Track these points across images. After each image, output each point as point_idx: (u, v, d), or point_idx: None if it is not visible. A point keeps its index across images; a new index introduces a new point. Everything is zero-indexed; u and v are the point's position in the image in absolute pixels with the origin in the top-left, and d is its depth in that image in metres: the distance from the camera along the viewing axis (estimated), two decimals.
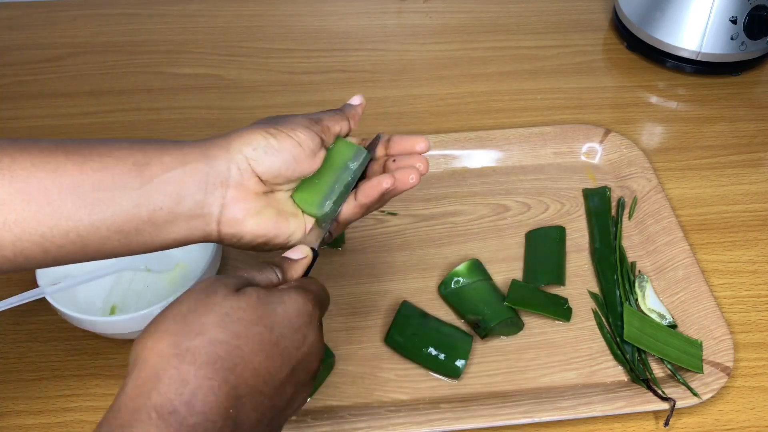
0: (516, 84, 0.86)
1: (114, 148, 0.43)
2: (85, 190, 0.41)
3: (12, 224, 0.40)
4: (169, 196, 0.43)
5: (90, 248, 0.43)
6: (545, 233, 0.69)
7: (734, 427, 0.57)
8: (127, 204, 0.42)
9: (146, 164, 0.43)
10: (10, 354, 0.61)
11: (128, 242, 0.43)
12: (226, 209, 0.45)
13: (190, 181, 0.44)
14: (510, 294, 0.62)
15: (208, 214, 0.45)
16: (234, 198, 0.45)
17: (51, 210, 0.40)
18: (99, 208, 0.41)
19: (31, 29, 0.93)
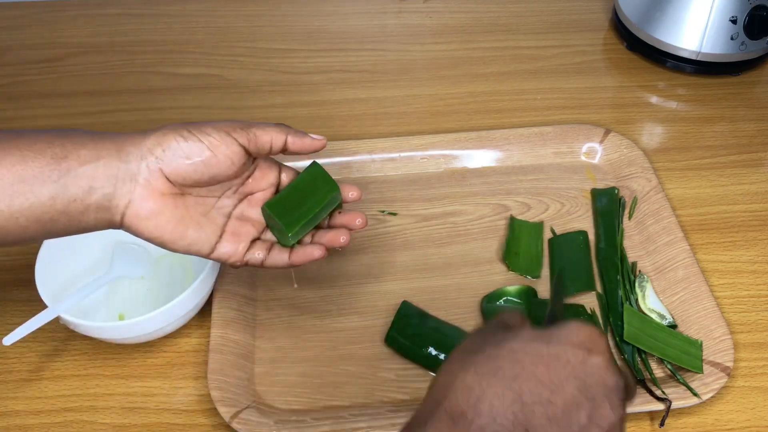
0: (516, 84, 0.86)
1: (34, 141, 0.45)
2: (4, 183, 0.44)
3: None
4: (82, 189, 0.45)
5: (9, 237, 0.45)
6: (570, 238, 0.68)
7: (734, 427, 0.57)
8: (44, 196, 0.44)
9: (63, 158, 0.45)
10: (10, 354, 0.61)
11: (44, 230, 0.46)
12: (131, 204, 0.47)
13: (102, 174, 0.46)
14: None
15: (115, 207, 0.47)
16: (141, 196, 0.47)
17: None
18: (18, 200, 0.44)
19: (31, 29, 0.93)
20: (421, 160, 0.75)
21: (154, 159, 0.47)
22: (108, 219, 0.47)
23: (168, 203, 0.48)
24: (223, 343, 0.59)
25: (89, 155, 0.46)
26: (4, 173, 0.44)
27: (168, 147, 0.47)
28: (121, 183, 0.46)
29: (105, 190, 0.46)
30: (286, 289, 0.65)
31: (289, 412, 0.57)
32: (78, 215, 0.46)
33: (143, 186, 0.47)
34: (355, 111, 0.83)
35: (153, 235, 0.49)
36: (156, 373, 0.60)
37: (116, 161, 0.46)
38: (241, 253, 0.52)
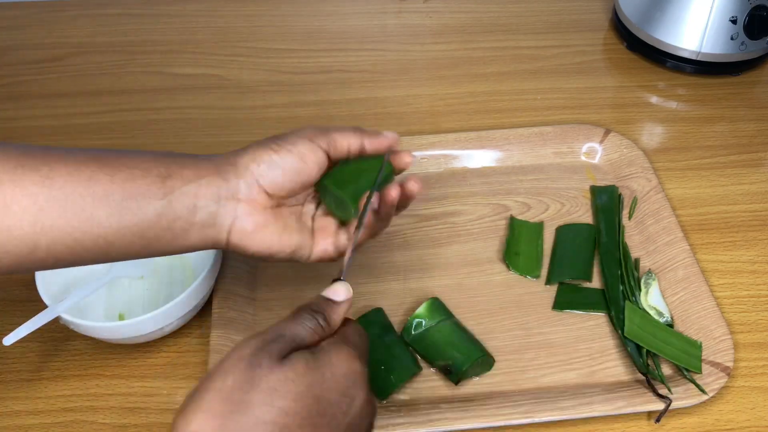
0: (516, 84, 0.86)
1: (140, 161, 0.46)
2: (115, 199, 0.44)
3: (48, 229, 0.43)
4: (186, 207, 0.46)
5: (113, 252, 0.46)
6: (576, 229, 0.69)
7: (734, 427, 0.57)
8: (151, 212, 0.45)
9: (168, 176, 0.46)
10: (10, 354, 0.61)
11: (148, 246, 0.47)
12: (237, 221, 0.48)
13: (204, 193, 0.47)
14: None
15: (220, 225, 0.48)
16: (244, 211, 0.48)
17: (84, 217, 0.44)
18: (127, 216, 0.45)
19: (31, 29, 0.93)
20: (421, 160, 0.75)
21: (251, 175, 0.48)
22: (213, 237, 0.48)
23: (269, 216, 0.49)
24: (223, 343, 0.59)
25: (191, 175, 0.47)
26: (115, 189, 0.44)
27: (262, 162, 0.48)
28: (224, 201, 0.48)
29: (209, 208, 0.47)
30: (287, 288, 0.65)
31: None
32: (182, 233, 0.47)
33: (246, 202, 0.48)
34: (355, 111, 0.83)
35: (261, 248, 0.49)
36: (156, 373, 0.60)
37: (217, 180, 0.47)
38: (332, 244, 0.53)
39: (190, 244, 0.48)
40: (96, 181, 0.44)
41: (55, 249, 0.44)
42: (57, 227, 0.43)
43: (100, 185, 0.44)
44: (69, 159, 0.44)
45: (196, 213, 0.47)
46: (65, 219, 0.43)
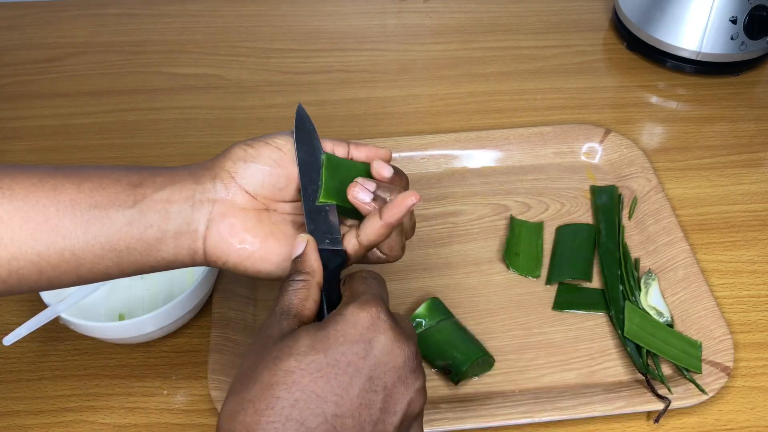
0: (516, 84, 0.86)
1: (110, 171, 0.44)
2: (81, 208, 0.42)
3: (8, 242, 0.41)
4: (158, 213, 0.44)
5: (83, 268, 0.43)
6: (576, 229, 0.69)
7: (734, 427, 0.57)
8: (120, 221, 0.43)
9: (139, 184, 0.44)
10: (10, 354, 0.61)
11: (120, 261, 0.44)
12: (212, 224, 0.45)
13: (177, 197, 0.44)
14: None
15: (195, 231, 0.45)
16: (220, 213, 0.45)
17: (48, 228, 0.41)
18: (94, 225, 0.42)
19: (31, 29, 0.93)
20: (421, 160, 0.75)
21: (227, 173, 0.45)
22: (188, 246, 0.45)
23: (251, 218, 0.46)
24: (223, 343, 0.59)
25: (164, 181, 0.45)
26: (82, 198, 0.42)
27: (237, 158, 0.46)
28: (198, 204, 0.45)
29: (182, 213, 0.44)
30: None
31: None
32: (156, 243, 0.44)
33: (221, 203, 0.45)
34: (355, 111, 0.83)
35: (241, 256, 0.45)
36: (156, 373, 0.60)
37: (191, 183, 0.45)
38: None
39: (165, 256, 0.45)
40: (61, 190, 0.42)
41: (18, 265, 0.41)
42: (18, 240, 0.41)
43: (66, 194, 0.42)
44: (33, 172, 0.42)
45: (169, 219, 0.44)
46: (27, 231, 0.41)
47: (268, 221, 0.47)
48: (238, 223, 0.45)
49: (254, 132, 0.79)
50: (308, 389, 0.36)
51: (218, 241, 0.45)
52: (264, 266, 0.46)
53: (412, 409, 0.39)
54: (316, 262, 0.44)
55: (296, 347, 0.37)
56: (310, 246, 0.44)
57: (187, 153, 0.77)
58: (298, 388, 0.36)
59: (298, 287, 0.42)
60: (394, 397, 0.38)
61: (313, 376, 0.36)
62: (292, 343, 0.38)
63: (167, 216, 0.44)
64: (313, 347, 0.37)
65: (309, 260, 0.44)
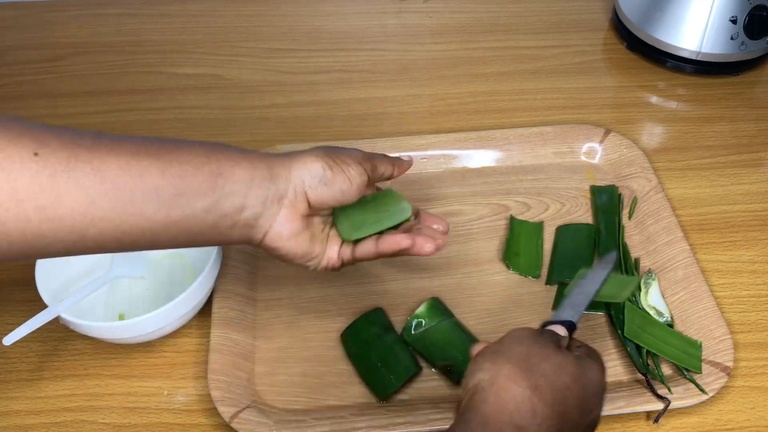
0: (516, 84, 0.86)
1: (192, 155, 0.47)
2: (165, 195, 0.45)
3: (98, 221, 0.44)
4: (234, 207, 0.48)
5: (158, 243, 0.47)
6: (576, 229, 0.69)
7: (734, 427, 0.57)
8: (199, 209, 0.46)
9: (219, 174, 0.47)
10: (10, 354, 0.61)
11: (191, 240, 0.48)
12: (275, 224, 0.50)
13: (254, 194, 0.48)
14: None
15: (260, 226, 0.50)
16: (285, 217, 0.50)
17: (133, 211, 0.44)
18: (175, 211, 0.46)
19: (31, 29, 0.93)
20: (421, 160, 0.75)
21: (301, 183, 0.50)
22: (248, 235, 0.50)
23: (303, 224, 0.51)
24: (223, 343, 0.59)
25: (243, 174, 0.48)
26: (166, 185, 0.45)
27: (315, 175, 0.50)
28: (269, 204, 0.49)
29: (255, 209, 0.48)
30: (287, 288, 0.65)
31: (289, 412, 0.57)
32: (226, 230, 0.48)
33: (288, 207, 0.50)
34: (355, 111, 0.83)
35: (289, 253, 0.52)
36: (156, 373, 0.60)
37: (268, 183, 0.49)
38: (336, 253, 0.55)
39: (229, 239, 0.49)
40: (147, 175, 0.44)
41: (102, 239, 0.44)
42: (106, 219, 0.44)
43: (151, 180, 0.44)
44: (120, 151, 0.44)
45: (243, 212, 0.48)
46: (115, 212, 0.44)
47: (312, 225, 0.53)
48: (296, 228, 0.51)
49: (254, 132, 0.80)
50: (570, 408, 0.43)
51: (276, 239, 0.50)
52: (300, 260, 0.53)
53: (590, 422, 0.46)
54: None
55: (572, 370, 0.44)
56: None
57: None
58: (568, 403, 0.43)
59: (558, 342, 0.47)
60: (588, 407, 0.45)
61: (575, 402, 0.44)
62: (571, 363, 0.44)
63: (242, 210, 0.48)
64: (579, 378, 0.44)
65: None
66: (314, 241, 0.53)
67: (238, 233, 0.49)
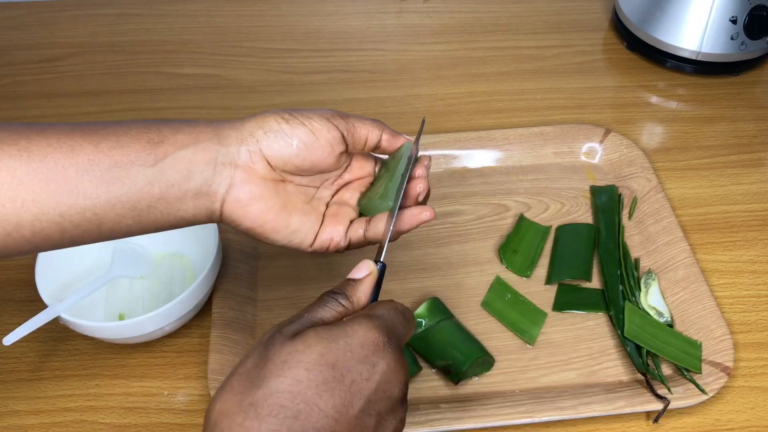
0: (516, 84, 0.86)
1: (129, 128, 0.43)
2: (101, 168, 0.42)
3: (30, 204, 0.40)
4: (180, 173, 0.43)
5: (105, 227, 0.43)
6: (575, 229, 0.69)
7: (734, 427, 0.57)
8: (141, 181, 0.43)
9: (160, 142, 0.43)
10: (10, 354, 0.61)
11: (141, 219, 0.44)
12: (232, 189, 0.45)
13: (200, 158, 0.44)
14: None
15: (215, 193, 0.45)
16: (242, 179, 0.45)
17: (68, 189, 0.41)
18: (115, 185, 0.42)
19: (31, 29, 0.93)
20: None
21: (255, 141, 0.45)
22: (207, 207, 0.45)
23: (269, 188, 0.46)
24: (223, 343, 0.59)
25: (187, 139, 0.44)
26: (101, 158, 0.42)
27: (269, 129, 0.45)
28: (220, 167, 0.45)
29: (204, 174, 0.44)
30: (286, 288, 0.65)
31: None
32: (176, 202, 0.44)
33: (243, 169, 0.45)
34: (355, 111, 0.82)
35: (255, 223, 0.46)
36: (156, 373, 0.60)
37: (215, 145, 0.45)
38: (342, 233, 0.49)
39: (184, 215, 0.45)
40: (79, 150, 0.41)
41: (41, 226, 0.41)
42: (40, 201, 0.40)
43: (84, 154, 0.41)
44: (49, 131, 0.41)
45: (191, 179, 0.44)
46: (48, 192, 0.40)
47: (284, 193, 0.47)
48: (257, 192, 0.46)
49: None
50: (312, 402, 0.35)
51: (236, 207, 0.46)
52: (274, 236, 0.47)
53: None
54: (366, 296, 0.43)
55: (306, 354, 0.37)
56: (370, 279, 0.44)
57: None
58: (302, 399, 0.35)
59: (337, 309, 0.41)
60: (384, 424, 0.38)
61: (318, 389, 0.36)
62: (303, 348, 0.37)
63: (189, 176, 0.44)
64: (322, 357, 0.37)
65: (362, 291, 0.43)
66: (288, 211, 0.47)
67: (192, 206, 0.45)
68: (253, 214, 0.46)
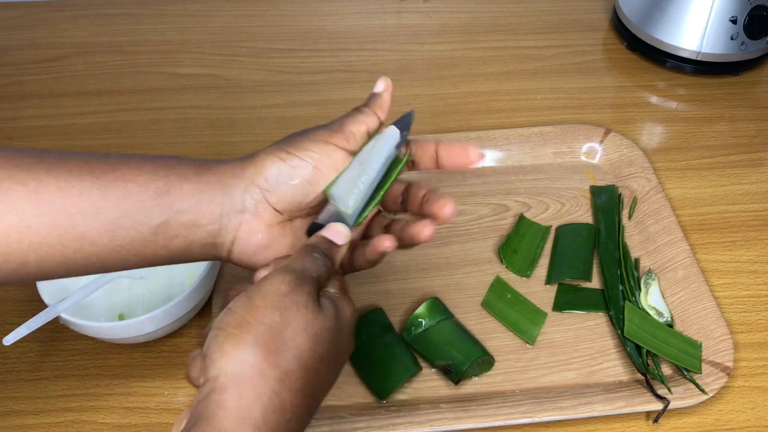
0: (516, 84, 0.86)
1: (137, 173, 0.43)
2: (108, 217, 0.42)
3: (37, 246, 0.41)
4: (185, 226, 0.44)
5: (109, 267, 0.44)
6: (575, 229, 0.69)
7: (734, 427, 0.57)
8: (146, 231, 0.43)
9: (166, 192, 0.43)
10: (10, 354, 0.61)
11: (146, 262, 0.44)
12: (238, 240, 0.45)
13: (206, 211, 0.44)
14: None
15: (221, 243, 0.45)
16: (247, 230, 0.45)
17: (75, 235, 0.41)
18: (120, 235, 0.42)
19: (31, 29, 0.93)
20: None
21: (258, 190, 0.44)
22: (214, 254, 0.46)
23: (276, 233, 0.46)
24: None
25: (192, 189, 0.43)
26: (107, 206, 0.42)
27: (269, 174, 0.44)
28: (226, 219, 0.44)
29: (210, 227, 0.44)
30: None
31: None
32: (181, 251, 0.44)
33: (249, 221, 0.45)
34: None
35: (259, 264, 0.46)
36: (156, 373, 0.60)
37: (220, 196, 0.44)
38: None
39: (191, 258, 0.46)
40: (87, 197, 0.41)
41: (45, 265, 0.42)
42: (46, 244, 0.41)
43: (92, 202, 0.41)
44: (59, 171, 0.41)
45: (196, 232, 0.44)
46: (55, 237, 0.41)
47: (291, 232, 0.47)
48: (264, 240, 0.45)
49: (254, 132, 0.80)
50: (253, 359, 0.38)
51: (242, 254, 0.46)
52: None
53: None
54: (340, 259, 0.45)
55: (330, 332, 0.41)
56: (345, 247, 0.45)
57: (187, 153, 0.77)
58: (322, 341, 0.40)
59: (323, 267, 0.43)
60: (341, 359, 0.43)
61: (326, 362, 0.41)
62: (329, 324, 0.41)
63: (194, 229, 0.44)
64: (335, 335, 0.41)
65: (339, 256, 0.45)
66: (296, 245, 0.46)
67: (198, 253, 0.45)
68: (262, 259, 0.46)
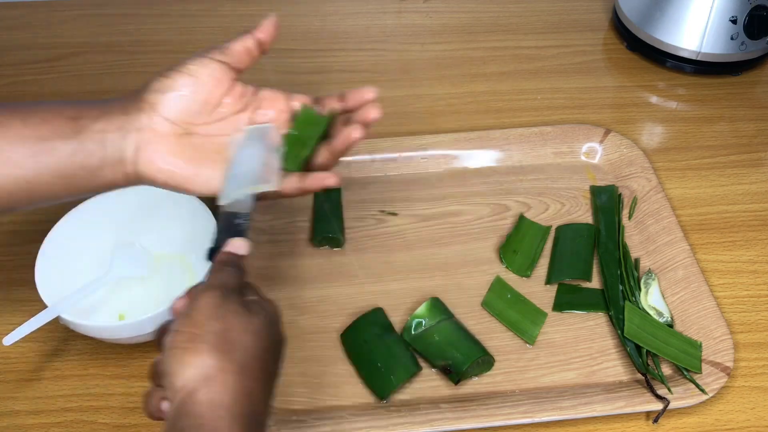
0: (516, 84, 0.86)
1: (50, 105, 0.50)
2: (30, 141, 0.48)
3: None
4: (96, 143, 0.49)
5: (36, 194, 0.49)
6: (576, 229, 0.69)
7: (734, 427, 0.57)
8: (64, 151, 0.48)
9: (78, 117, 0.49)
10: (10, 354, 0.61)
11: (68, 186, 0.49)
12: (139, 152, 0.50)
13: (111, 128, 0.49)
14: None
15: (127, 158, 0.50)
16: (146, 141, 0.50)
17: (2, 160, 0.47)
18: (42, 156, 0.48)
19: (31, 29, 0.93)
20: (421, 160, 0.75)
21: (149, 106, 0.50)
22: (122, 171, 0.50)
23: (173, 143, 0.50)
24: None
25: (99, 113, 0.50)
26: (29, 133, 0.48)
27: (155, 89, 0.50)
28: (127, 134, 0.50)
29: (116, 143, 0.49)
30: (286, 288, 0.65)
31: (289, 412, 0.57)
32: (96, 170, 0.49)
33: (147, 132, 0.50)
34: None
35: (167, 177, 0.50)
36: None
37: (121, 114, 0.50)
38: None
39: (106, 181, 0.50)
40: (9, 126, 0.48)
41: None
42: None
43: (14, 130, 0.48)
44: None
45: (106, 148, 0.49)
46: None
47: (190, 145, 0.51)
48: (162, 149, 0.50)
49: None
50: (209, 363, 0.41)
51: (146, 166, 0.50)
52: (191, 186, 0.51)
53: None
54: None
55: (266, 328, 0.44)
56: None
57: None
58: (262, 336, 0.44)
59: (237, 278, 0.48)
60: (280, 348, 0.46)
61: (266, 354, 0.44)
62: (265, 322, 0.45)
63: (103, 145, 0.49)
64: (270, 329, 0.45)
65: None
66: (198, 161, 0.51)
67: (110, 171, 0.50)
68: (163, 168, 0.50)
